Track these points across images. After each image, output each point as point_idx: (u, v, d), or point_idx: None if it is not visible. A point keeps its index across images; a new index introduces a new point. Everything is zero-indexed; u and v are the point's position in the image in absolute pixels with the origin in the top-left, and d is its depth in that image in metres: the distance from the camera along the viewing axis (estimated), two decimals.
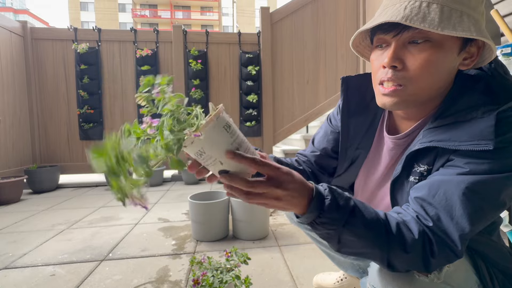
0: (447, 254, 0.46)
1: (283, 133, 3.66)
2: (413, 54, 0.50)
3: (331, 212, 0.46)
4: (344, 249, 0.50)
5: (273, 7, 3.66)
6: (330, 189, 0.48)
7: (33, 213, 2.26)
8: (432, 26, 0.46)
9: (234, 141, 0.44)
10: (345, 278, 1.10)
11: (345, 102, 0.71)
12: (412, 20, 0.47)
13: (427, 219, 0.48)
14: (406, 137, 0.61)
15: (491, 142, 0.45)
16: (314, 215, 0.46)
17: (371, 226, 0.47)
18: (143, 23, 28.08)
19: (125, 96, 3.48)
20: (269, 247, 1.52)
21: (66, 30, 3.32)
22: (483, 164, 0.46)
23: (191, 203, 1.62)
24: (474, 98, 0.50)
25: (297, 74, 3.61)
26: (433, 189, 0.49)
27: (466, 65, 0.53)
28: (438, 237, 0.46)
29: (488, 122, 0.46)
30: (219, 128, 0.42)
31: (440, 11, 0.47)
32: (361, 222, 0.47)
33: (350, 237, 0.47)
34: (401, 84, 0.52)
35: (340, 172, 0.75)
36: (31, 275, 1.28)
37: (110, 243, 1.62)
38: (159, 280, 1.21)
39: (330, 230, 0.47)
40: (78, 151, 3.43)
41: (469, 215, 0.45)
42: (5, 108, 2.95)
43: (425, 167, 0.54)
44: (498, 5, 1.90)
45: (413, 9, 0.48)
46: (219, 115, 0.42)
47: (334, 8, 3.56)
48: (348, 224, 0.46)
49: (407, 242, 0.46)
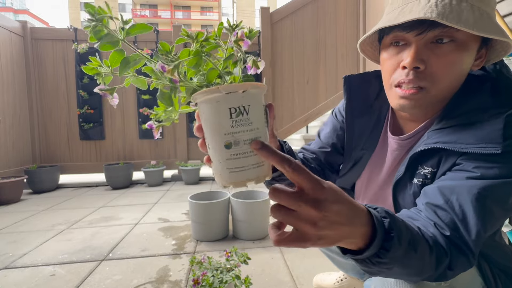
0: (463, 263, 0.44)
1: (283, 133, 3.66)
2: (437, 54, 0.48)
3: (395, 251, 0.35)
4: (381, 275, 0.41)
5: (273, 7, 3.67)
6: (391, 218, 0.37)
7: (33, 213, 2.26)
8: (468, 26, 0.43)
9: (232, 134, 0.33)
10: (345, 278, 1.10)
11: (348, 101, 0.69)
12: (448, 18, 0.43)
13: (444, 228, 0.45)
14: (411, 138, 0.59)
15: (499, 145, 0.44)
16: (371, 253, 0.35)
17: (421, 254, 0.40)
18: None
19: (126, 96, 3.48)
20: (269, 247, 1.52)
21: (66, 30, 3.33)
22: (492, 168, 0.45)
23: (191, 203, 1.62)
24: (481, 100, 0.49)
25: (297, 74, 3.61)
26: (446, 195, 0.46)
27: (477, 65, 0.52)
28: (456, 247, 0.44)
29: (496, 125, 0.45)
30: (223, 105, 0.32)
31: (471, 10, 0.45)
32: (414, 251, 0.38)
33: (399, 269, 0.39)
34: (422, 86, 0.50)
35: (344, 172, 0.74)
36: (31, 275, 1.28)
37: (110, 243, 1.62)
38: (159, 280, 1.21)
39: (385, 269, 0.38)
40: (78, 151, 3.43)
41: (483, 221, 0.44)
42: (5, 108, 2.95)
43: (429, 169, 0.52)
44: (498, 5, 1.90)
45: (445, 6, 0.44)
46: (235, 91, 0.32)
47: (334, 8, 3.56)
48: (405, 257, 0.38)
49: (440, 263, 0.42)
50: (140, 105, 3.45)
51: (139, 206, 2.41)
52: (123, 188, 3.16)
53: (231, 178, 0.33)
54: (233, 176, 0.33)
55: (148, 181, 3.26)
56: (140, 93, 3.44)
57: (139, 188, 3.19)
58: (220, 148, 0.33)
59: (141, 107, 3.44)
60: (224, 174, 0.34)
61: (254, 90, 0.33)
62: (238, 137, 0.33)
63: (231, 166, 0.33)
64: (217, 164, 0.35)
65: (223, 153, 0.33)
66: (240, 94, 0.32)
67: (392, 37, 0.52)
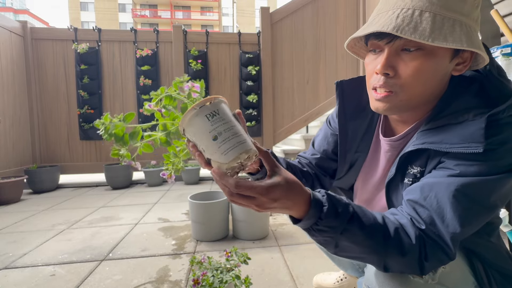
0: (440, 256, 0.47)
1: (283, 133, 3.66)
2: (406, 61, 0.50)
3: (328, 219, 0.45)
4: (341, 253, 0.50)
5: (273, 7, 3.67)
6: (328, 196, 0.47)
7: (33, 213, 2.26)
8: (423, 37, 0.46)
9: (214, 129, 0.44)
10: (345, 278, 1.10)
11: (341, 106, 0.71)
12: (403, 30, 0.47)
13: (420, 222, 0.48)
14: (401, 139, 0.61)
15: (481, 144, 0.45)
16: (311, 222, 0.46)
17: (370, 232, 0.47)
18: (143, 23, 28.09)
19: (125, 96, 3.48)
20: (269, 247, 1.52)
21: (66, 30, 3.32)
22: (473, 166, 0.47)
23: (191, 203, 1.62)
24: (466, 101, 0.51)
25: (297, 74, 3.61)
26: (425, 191, 0.49)
27: (459, 70, 0.53)
28: (431, 240, 0.47)
29: (479, 124, 0.47)
30: (201, 116, 0.45)
31: (432, 20, 0.47)
32: (359, 228, 0.46)
33: (347, 243, 0.47)
34: (392, 91, 0.53)
35: (341, 175, 0.76)
36: (31, 275, 1.28)
37: (110, 243, 1.62)
38: (159, 280, 1.21)
39: (327, 237, 0.47)
40: (78, 151, 3.43)
41: (459, 217, 0.46)
42: (5, 108, 2.95)
43: (418, 169, 0.54)
44: (498, 5, 1.90)
45: (405, 18, 0.48)
46: (204, 104, 0.45)
47: (334, 8, 3.56)
48: (346, 231, 0.46)
49: (404, 247, 0.46)
50: (140, 105, 3.45)
51: (139, 206, 2.41)
52: (123, 188, 3.16)
53: (227, 158, 0.43)
54: (228, 156, 0.43)
55: (148, 181, 3.26)
56: (140, 93, 3.44)
57: (139, 188, 3.19)
58: (211, 143, 0.44)
59: (141, 107, 3.44)
60: (221, 159, 0.44)
61: (216, 100, 0.46)
62: (219, 129, 0.44)
63: (222, 150, 0.43)
64: (214, 156, 0.45)
65: (214, 145, 0.44)
66: (208, 104, 0.45)
67: (370, 44, 0.56)
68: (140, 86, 3.42)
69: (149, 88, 3.43)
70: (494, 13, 1.47)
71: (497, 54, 1.24)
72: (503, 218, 0.91)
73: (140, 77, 3.40)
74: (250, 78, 3.51)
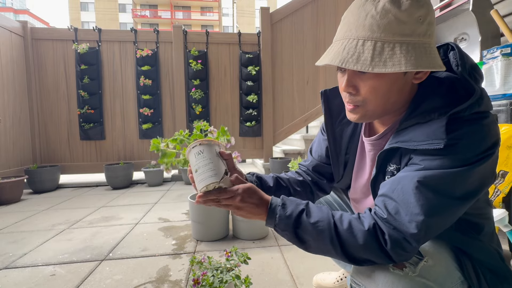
0: (402, 244, 0.49)
1: (283, 133, 3.66)
2: (363, 81, 0.56)
3: (281, 219, 0.56)
4: (309, 249, 0.58)
5: (273, 7, 3.67)
6: (283, 199, 0.58)
7: (33, 213, 2.26)
8: (365, 66, 0.50)
9: (196, 164, 0.60)
10: (344, 277, 1.10)
11: (327, 113, 0.77)
12: (347, 62, 0.51)
13: (383, 212, 0.52)
14: (380, 139, 0.66)
15: (442, 141, 0.49)
16: (272, 223, 0.57)
17: (319, 225, 0.54)
18: (143, 23, 28.09)
19: (126, 96, 3.49)
20: (269, 247, 1.52)
21: (66, 30, 3.33)
22: (435, 160, 0.51)
23: (191, 203, 1.62)
24: (434, 101, 0.54)
25: (297, 74, 3.61)
26: (394, 185, 0.53)
27: (419, 78, 0.56)
28: (391, 227, 0.50)
29: (441, 122, 0.51)
30: (192, 153, 0.62)
31: (373, 48, 0.51)
32: (309, 223, 0.55)
33: (306, 237, 0.55)
34: (357, 105, 0.59)
35: (339, 178, 0.80)
36: (31, 275, 1.28)
37: (110, 243, 1.62)
38: (159, 280, 1.21)
39: (286, 233, 0.57)
40: (78, 151, 3.43)
41: (422, 206, 0.49)
42: (6, 108, 2.96)
43: (394, 166, 0.59)
44: (498, 5, 1.90)
45: (350, 49, 0.52)
46: (196, 145, 0.61)
47: (334, 8, 3.56)
48: (298, 227, 0.55)
49: (356, 234, 0.51)
50: (140, 105, 3.45)
51: (139, 206, 2.41)
52: (123, 188, 3.17)
53: (200, 185, 0.59)
54: (201, 184, 0.59)
55: (148, 181, 3.26)
56: (140, 93, 3.44)
57: (139, 188, 3.19)
58: (194, 173, 0.61)
59: (141, 107, 3.44)
60: (198, 186, 0.60)
61: (206, 142, 0.62)
62: (199, 164, 0.60)
63: (199, 180, 0.59)
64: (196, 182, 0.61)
65: (195, 175, 0.60)
66: (198, 146, 0.62)
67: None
68: (140, 86, 3.42)
69: (149, 88, 3.43)
70: (494, 13, 1.47)
71: (497, 54, 1.24)
72: (503, 218, 0.91)
73: (140, 77, 3.40)
74: (250, 78, 3.51)
